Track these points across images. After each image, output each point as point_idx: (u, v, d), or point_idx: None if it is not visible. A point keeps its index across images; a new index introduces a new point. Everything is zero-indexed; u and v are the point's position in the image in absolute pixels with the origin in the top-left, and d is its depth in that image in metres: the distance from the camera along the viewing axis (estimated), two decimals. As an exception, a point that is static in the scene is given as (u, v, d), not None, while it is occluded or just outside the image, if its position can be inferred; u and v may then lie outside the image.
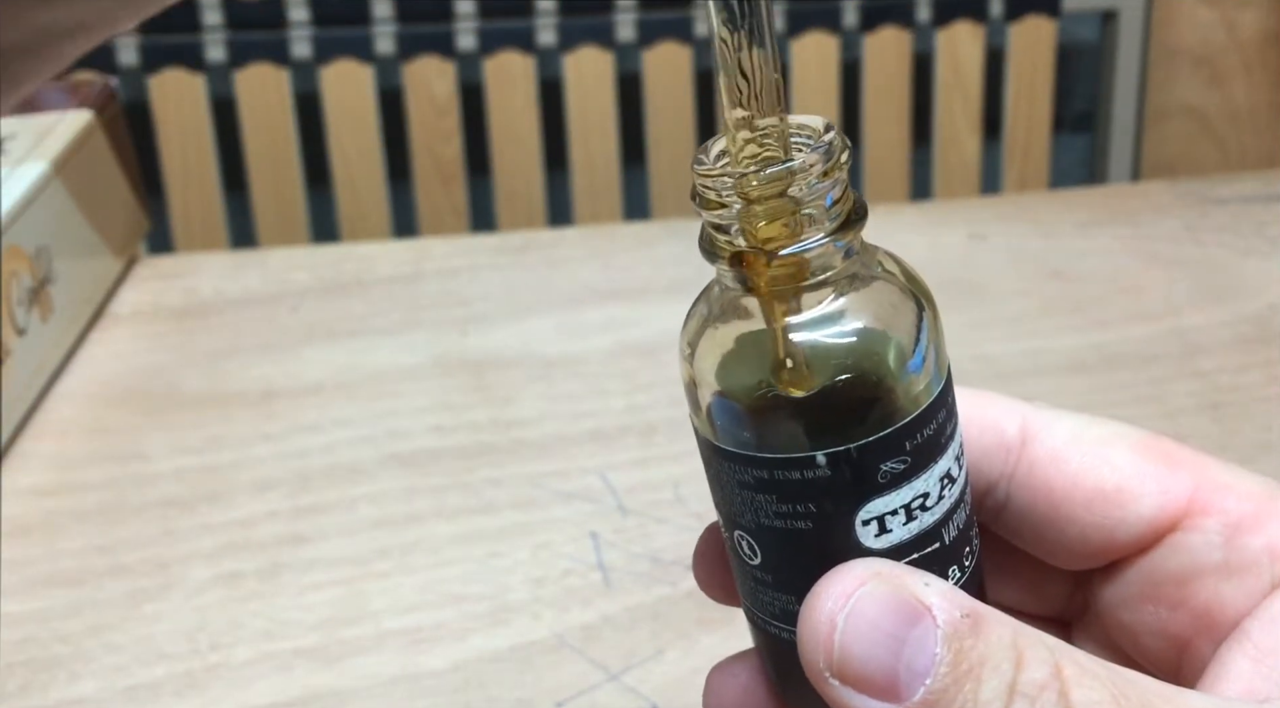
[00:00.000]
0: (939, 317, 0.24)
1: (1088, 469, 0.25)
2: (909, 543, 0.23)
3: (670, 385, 0.57)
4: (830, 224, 0.22)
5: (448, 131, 1.14)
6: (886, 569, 0.22)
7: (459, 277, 0.66)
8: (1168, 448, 0.26)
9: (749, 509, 0.23)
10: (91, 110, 0.64)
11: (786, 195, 0.22)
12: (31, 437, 0.54)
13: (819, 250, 0.22)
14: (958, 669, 0.20)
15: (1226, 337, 0.59)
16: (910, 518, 0.23)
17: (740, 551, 0.24)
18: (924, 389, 0.23)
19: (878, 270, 0.24)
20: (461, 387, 0.57)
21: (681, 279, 0.65)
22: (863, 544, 0.23)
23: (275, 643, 0.44)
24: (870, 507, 0.23)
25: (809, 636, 0.22)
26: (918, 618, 0.21)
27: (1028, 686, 0.21)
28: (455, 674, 0.42)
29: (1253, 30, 1.24)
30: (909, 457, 0.23)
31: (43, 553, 0.48)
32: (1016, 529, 0.27)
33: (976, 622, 0.21)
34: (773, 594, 0.24)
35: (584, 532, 0.48)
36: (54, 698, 0.42)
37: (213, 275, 0.67)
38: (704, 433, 0.24)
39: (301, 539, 0.48)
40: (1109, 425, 0.26)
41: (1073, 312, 0.62)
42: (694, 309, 0.25)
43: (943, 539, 0.24)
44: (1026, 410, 0.26)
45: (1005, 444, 0.26)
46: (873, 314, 0.23)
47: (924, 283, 0.24)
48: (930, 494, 0.23)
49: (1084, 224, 0.70)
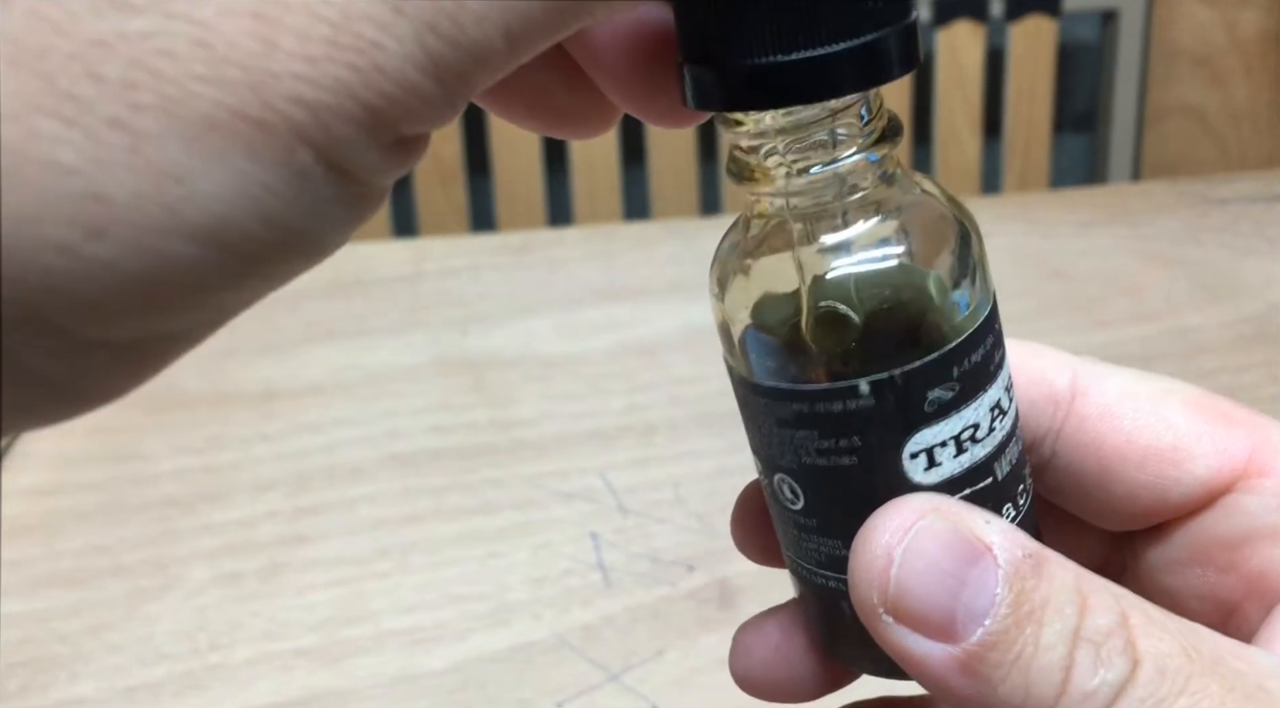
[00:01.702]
0: (982, 239, 0.23)
1: (1142, 427, 0.24)
2: (960, 477, 0.22)
3: (670, 385, 0.57)
4: (864, 140, 0.21)
5: (447, 131, 1.14)
6: (945, 505, 0.21)
7: (459, 277, 0.66)
8: (1224, 406, 0.25)
9: (789, 449, 0.22)
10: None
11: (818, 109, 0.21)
12: (31, 437, 0.54)
13: (853, 166, 0.21)
14: (1019, 612, 0.20)
15: (1227, 336, 0.59)
16: (960, 450, 0.22)
17: (781, 496, 0.23)
18: (970, 313, 0.22)
19: (917, 192, 0.22)
20: (461, 387, 0.57)
21: (681, 279, 0.65)
22: (911, 479, 0.22)
23: (275, 643, 0.44)
24: (918, 438, 0.22)
25: (863, 570, 0.21)
26: (978, 557, 0.20)
27: (1092, 632, 0.20)
28: (455, 674, 0.42)
29: (1253, 30, 1.24)
30: (957, 384, 0.22)
31: (42, 553, 0.48)
32: (1059, 488, 0.25)
33: (1039, 563, 0.20)
34: (818, 540, 0.23)
35: (584, 532, 0.48)
36: (54, 698, 0.42)
37: (212, 275, 0.67)
38: (739, 371, 0.23)
39: (301, 539, 0.48)
40: (1162, 381, 0.25)
41: (1073, 311, 0.62)
42: (724, 242, 0.24)
43: (995, 474, 0.22)
44: (1076, 364, 0.25)
45: (1054, 398, 0.25)
46: (914, 234, 0.22)
47: (965, 206, 0.23)
48: (980, 425, 0.22)
49: (1084, 224, 0.70)
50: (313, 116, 0.16)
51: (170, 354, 0.18)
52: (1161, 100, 1.27)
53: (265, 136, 0.16)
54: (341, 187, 0.17)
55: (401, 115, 0.17)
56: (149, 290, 0.16)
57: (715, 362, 0.66)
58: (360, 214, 0.18)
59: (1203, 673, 0.19)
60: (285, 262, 0.17)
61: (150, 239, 0.16)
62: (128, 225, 0.16)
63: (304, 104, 0.16)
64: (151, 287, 0.16)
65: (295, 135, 0.16)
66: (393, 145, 0.17)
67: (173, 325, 0.17)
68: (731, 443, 0.52)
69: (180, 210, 0.16)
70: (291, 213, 0.17)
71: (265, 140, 0.16)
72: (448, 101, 0.17)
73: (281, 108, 0.16)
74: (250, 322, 0.70)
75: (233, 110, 0.16)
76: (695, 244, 0.69)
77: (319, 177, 0.17)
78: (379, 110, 0.16)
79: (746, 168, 0.22)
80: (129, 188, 0.15)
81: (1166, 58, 1.26)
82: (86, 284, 0.16)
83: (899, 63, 0.20)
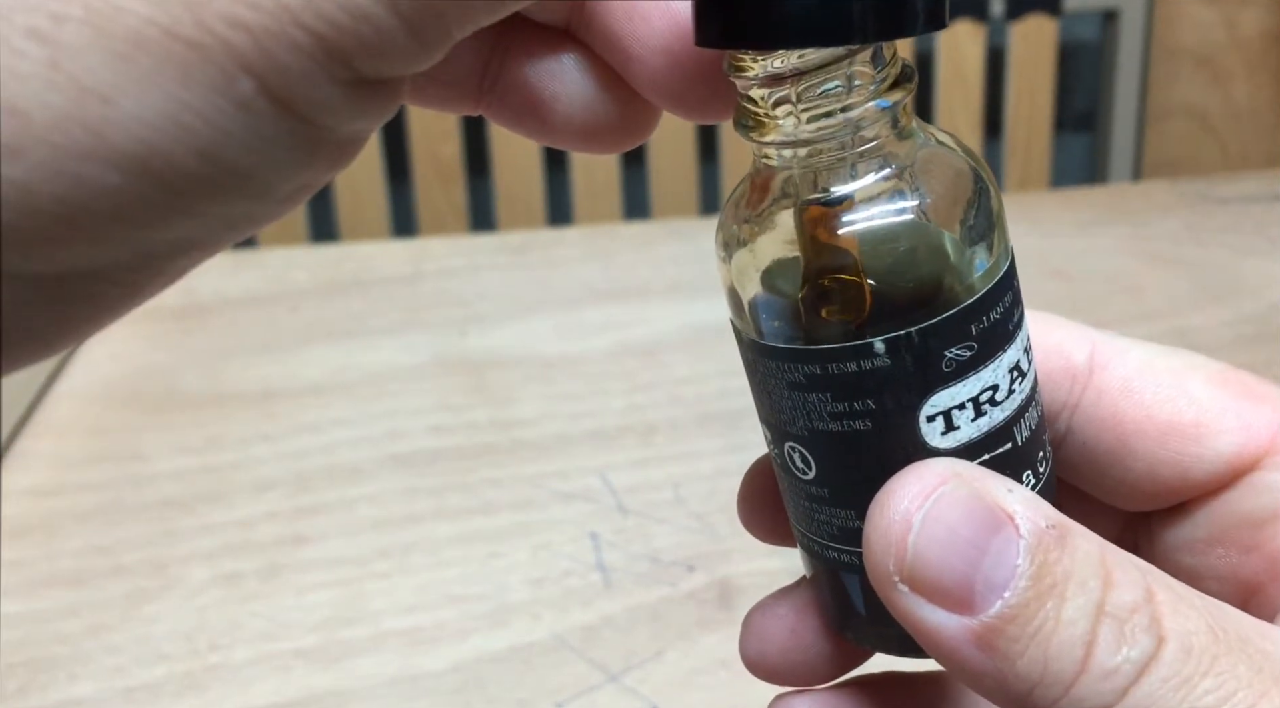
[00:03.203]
0: (1000, 192, 0.22)
1: (1163, 401, 0.23)
2: (979, 442, 0.21)
3: (670, 385, 0.56)
4: (875, 87, 0.20)
5: (447, 131, 1.14)
6: (967, 470, 0.20)
7: (459, 277, 0.66)
8: (1249, 381, 0.24)
9: (800, 414, 0.21)
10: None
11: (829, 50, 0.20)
12: (31, 437, 0.54)
13: (864, 113, 0.20)
14: (1040, 584, 0.19)
15: (1227, 336, 0.59)
16: (979, 413, 0.21)
17: (792, 466, 0.22)
18: (988, 269, 0.21)
19: (932, 143, 0.21)
20: (461, 387, 0.57)
21: (681, 279, 0.65)
22: (929, 443, 0.21)
23: (275, 644, 0.43)
24: (935, 400, 0.21)
25: (879, 536, 0.20)
26: (999, 526, 0.19)
27: (1117, 607, 0.19)
28: (455, 675, 0.42)
29: (1254, 29, 1.24)
30: (975, 343, 0.21)
31: (42, 553, 0.48)
32: (1075, 464, 0.25)
33: (1063, 534, 0.19)
34: (830, 512, 0.22)
35: (584, 532, 0.48)
36: (53, 699, 0.41)
37: (212, 275, 0.67)
38: (747, 333, 0.22)
39: (301, 540, 0.48)
40: (1184, 355, 0.24)
41: (1073, 311, 0.62)
42: (730, 199, 0.23)
43: (1015, 439, 0.21)
44: (1096, 336, 0.24)
45: (1071, 371, 0.24)
46: (928, 187, 0.21)
47: (981, 157, 0.22)
48: (1000, 387, 0.21)
49: (1085, 224, 0.70)
50: (253, 41, 0.15)
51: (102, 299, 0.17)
52: (1162, 100, 1.27)
53: (201, 60, 0.15)
54: (290, 124, 0.16)
55: (356, 49, 0.15)
56: (67, 217, 0.15)
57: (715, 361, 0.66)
58: (316, 160, 0.17)
59: (1229, 653, 0.19)
60: (219, 200, 0.16)
61: (70, 163, 0.15)
62: (46, 146, 0.14)
63: (243, 27, 0.15)
64: (69, 213, 0.15)
65: (234, 61, 0.15)
66: (354, 85, 0.16)
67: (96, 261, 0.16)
68: (731, 443, 0.51)
69: (104, 133, 0.15)
70: (229, 147, 0.15)
71: (201, 64, 0.15)
72: (415, 39, 0.16)
73: (218, 30, 0.15)
74: (250, 322, 0.70)
75: (165, 29, 0.14)
76: (695, 244, 0.69)
77: (262, 110, 0.15)
78: (329, 41, 0.15)
79: (754, 117, 0.21)
80: (49, 106, 0.14)
81: (1167, 57, 1.26)
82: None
83: (925, 18, 0.19)
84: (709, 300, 0.63)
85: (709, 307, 0.62)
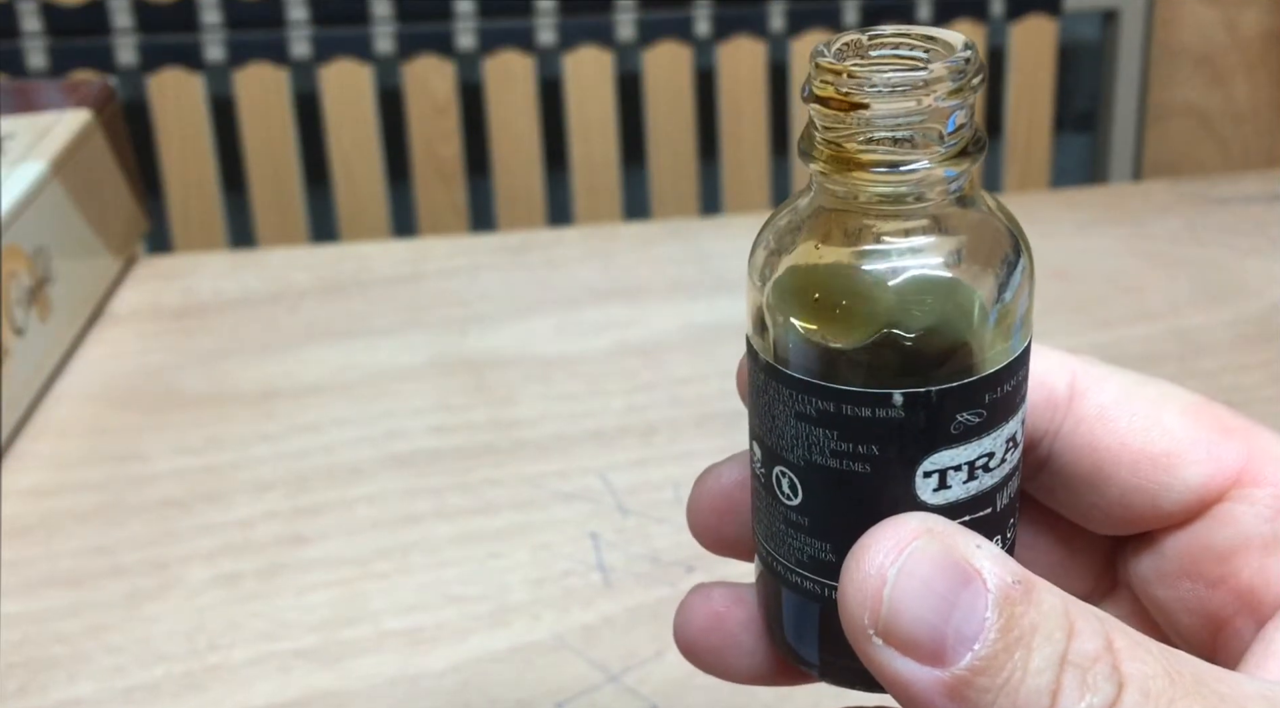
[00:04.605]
0: (1034, 266, 0.22)
1: (1137, 430, 0.24)
2: (965, 503, 0.22)
3: (670, 385, 0.56)
4: (944, 149, 0.21)
5: (447, 131, 1.14)
6: (940, 526, 0.21)
7: (459, 277, 0.66)
8: (1220, 414, 0.24)
9: (801, 444, 0.22)
10: (90, 110, 0.63)
11: (909, 106, 0.20)
12: (30, 437, 0.54)
13: (927, 174, 0.21)
14: (1008, 636, 0.20)
15: (1228, 337, 0.59)
16: (972, 477, 0.22)
17: (777, 488, 0.23)
18: (1013, 343, 0.22)
19: (983, 209, 0.22)
20: (461, 387, 0.57)
21: (681, 279, 0.65)
22: (919, 497, 0.22)
23: (274, 644, 0.43)
24: (936, 458, 0.21)
25: (854, 590, 0.20)
26: (968, 580, 0.20)
27: (1079, 656, 0.20)
28: (455, 675, 0.42)
29: (1254, 29, 1.24)
30: (985, 411, 0.21)
31: (41, 554, 0.48)
32: (1053, 490, 0.25)
33: (1028, 588, 0.20)
34: (805, 540, 0.23)
35: (584, 532, 0.48)
36: (52, 699, 0.41)
37: (212, 275, 0.67)
38: (765, 355, 0.22)
39: (301, 540, 0.48)
40: (1161, 386, 0.25)
41: (1074, 312, 0.62)
42: (775, 220, 0.23)
43: (995, 505, 0.22)
44: (1076, 365, 0.25)
45: (1052, 400, 0.25)
46: (974, 254, 0.21)
47: (1023, 229, 0.23)
48: (995, 455, 0.22)
49: (1085, 224, 0.70)
50: None
51: None
52: (1162, 100, 1.27)
53: None
54: None
55: None
56: None
57: (715, 362, 0.66)
58: None
59: (1186, 695, 0.20)
60: None
61: None
62: None
63: None
64: None
65: None
66: None
67: None
68: (732, 443, 0.51)
69: None
70: None
71: None
72: None
73: None
74: (250, 322, 0.70)
75: None
76: (695, 244, 0.69)
77: None
78: None
79: (820, 148, 0.21)
80: None
81: (1167, 57, 1.26)
82: None
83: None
84: (709, 300, 0.63)
85: (709, 307, 0.62)
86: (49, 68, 1.11)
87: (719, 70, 1.16)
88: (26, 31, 1.10)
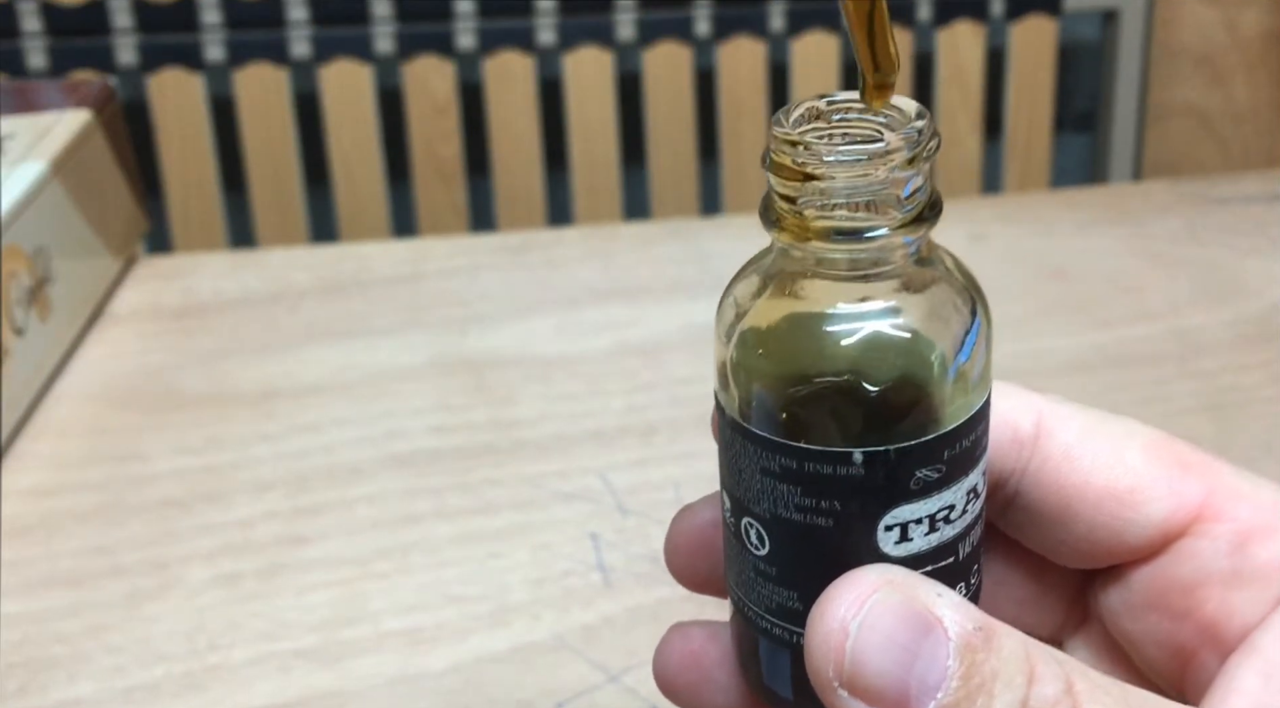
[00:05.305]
0: (992, 324, 0.23)
1: (1101, 468, 0.25)
2: (926, 554, 0.23)
3: (670, 385, 0.56)
4: (901, 215, 0.21)
5: (447, 131, 1.14)
6: (900, 577, 0.21)
7: (459, 277, 0.66)
8: (1181, 451, 0.25)
9: (767, 498, 0.23)
10: (90, 110, 0.63)
11: (864, 178, 0.21)
12: (30, 437, 0.54)
13: (884, 242, 0.21)
14: (969, 683, 0.20)
15: (1228, 337, 0.59)
16: (933, 529, 0.22)
17: (746, 538, 0.23)
18: (971, 399, 0.22)
19: (940, 269, 0.23)
20: (461, 387, 0.57)
21: (681, 279, 0.65)
22: (881, 550, 0.22)
23: (274, 644, 0.43)
24: (897, 513, 0.22)
25: (819, 643, 0.21)
26: (929, 629, 0.20)
27: (1040, 701, 0.20)
28: (455, 675, 0.42)
29: (1254, 29, 1.24)
30: (944, 466, 0.22)
31: (41, 554, 0.48)
32: (1022, 525, 0.26)
33: (989, 635, 0.21)
34: (773, 588, 0.23)
35: (584, 532, 0.48)
36: (52, 699, 0.41)
37: (212, 275, 0.67)
38: (731, 412, 0.23)
39: (300, 540, 0.48)
40: (1124, 423, 0.26)
41: (1074, 312, 0.62)
42: (740, 280, 0.24)
43: (958, 554, 0.23)
44: (1042, 404, 0.26)
45: (1019, 439, 0.25)
46: (931, 313, 0.22)
47: (981, 289, 0.23)
48: (956, 507, 0.23)
49: (1085, 224, 0.70)
50: None
51: None
52: (1162, 100, 1.27)
53: None
54: None
55: None
56: None
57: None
58: None
59: None
60: None
61: None
62: None
63: None
64: None
65: None
66: None
67: None
68: (732, 443, 0.51)
69: None
70: None
71: None
72: None
73: None
74: (250, 322, 0.70)
75: None
76: (695, 244, 0.69)
77: None
78: None
79: (780, 215, 0.22)
80: None
81: (1167, 57, 1.26)
82: None
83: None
84: (709, 300, 0.62)
85: (709, 307, 0.62)
86: (49, 68, 1.11)
87: (719, 70, 1.16)
88: (26, 31, 1.10)
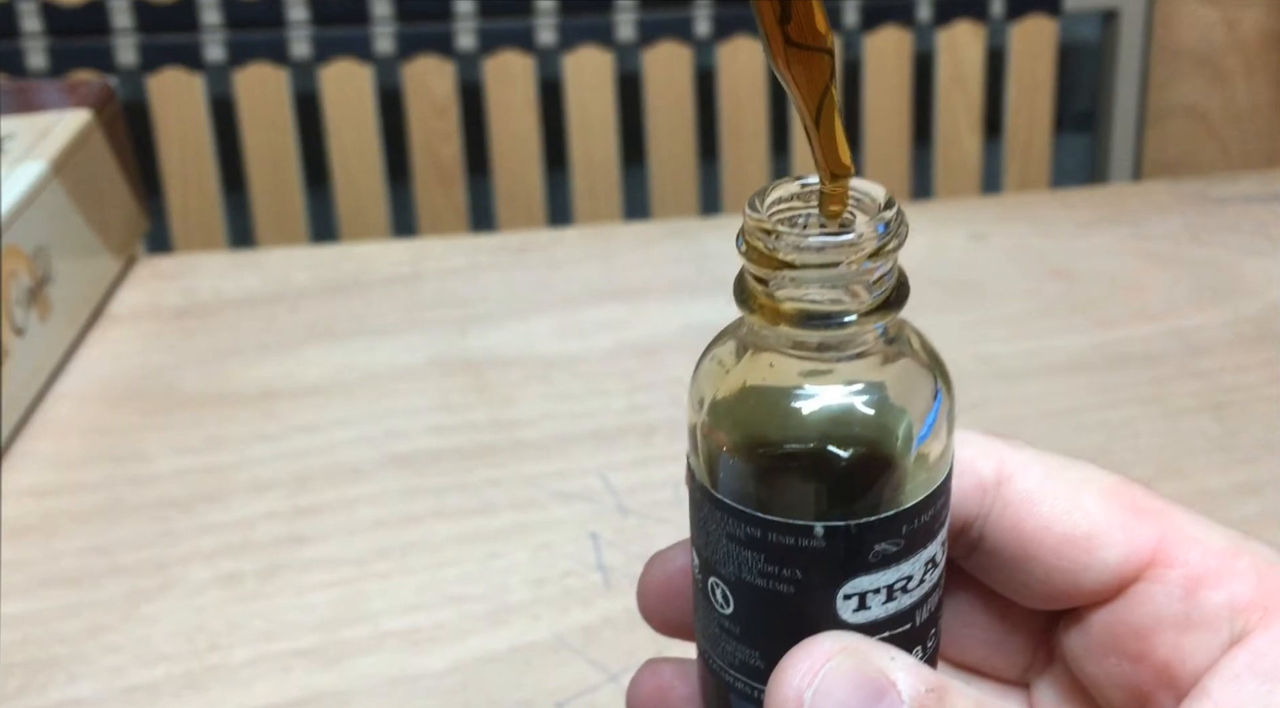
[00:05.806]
0: (954, 401, 0.24)
1: (1059, 514, 0.25)
2: (884, 621, 0.23)
3: (670, 386, 0.57)
4: (871, 300, 0.22)
5: (447, 131, 1.14)
6: (854, 644, 0.22)
7: (459, 277, 0.66)
8: (1137, 496, 0.26)
9: (732, 561, 0.23)
10: (90, 110, 0.64)
11: (835, 268, 0.22)
12: (30, 437, 0.54)
13: (852, 326, 0.22)
14: None
15: (1228, 336, 0.59)
16: (890, 598, 0.23)
17: (712, 597, 0.24)
18: (932, 475, 0.23)
19: (906, 347, 0.23)
20: (461, 387, 0.57)
21: (681, 279, 0.65)
22: (840, 617, 0.23)
23: (274, 644, 0.43)
24: (855, 583, 0.23)
25: None
26: (882, 694, 0.21)
27: None
28: (455, 675, 0.42)
29: (1254, 30, 1.24)
30: (903, 540, 0.23)
31: (41, 554, 0.48)
32: (986, 568, 0.27)
33: (941, 696, 0.21)
34: (737, 645, 0.24)
35: (584, 532, 0.48)
36: (52, 699, 0.41)
37: (211, 275, 0.67)
38: (701, 479, 0.24)
39: (300, 540, 0.48)
40: (1082, 469, 0.26)
41: (1074, 312, 0.62)
42: (712, 352, 0.25)
43: (915, 620, 0.24)
44: (1004, 451, 0.26)
45: (981, 485, 0.26)
46: (896, 392, 0.23)
47: (945, 366, 0.24)
48: (914, 577, 0.23)
49: (1085, 224, 0.70)
50: None
51: None
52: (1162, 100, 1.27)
53: None
54: None
55: None
56: None
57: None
58: None
59: None
60: None
61: None
62: None
63: None
64: None
65: None
66: None
67: None
68: (732, 443, 0.51)
69: None
70: None
71: None
72: None
73: None
74: (250, 322, 0.70)
75: None
76: (695, 244, 0.69)
77: None
78: None
79: (752, 297, 0.23)
80: None
81: (1167, 57, 1.26)
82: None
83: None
84: (709, 300, 0.63)
85: (709, 307, 0.62)
86: (49, 68, 1.11)
87: (719, 70, 1.16)
88: (26, 31, 1.10)
